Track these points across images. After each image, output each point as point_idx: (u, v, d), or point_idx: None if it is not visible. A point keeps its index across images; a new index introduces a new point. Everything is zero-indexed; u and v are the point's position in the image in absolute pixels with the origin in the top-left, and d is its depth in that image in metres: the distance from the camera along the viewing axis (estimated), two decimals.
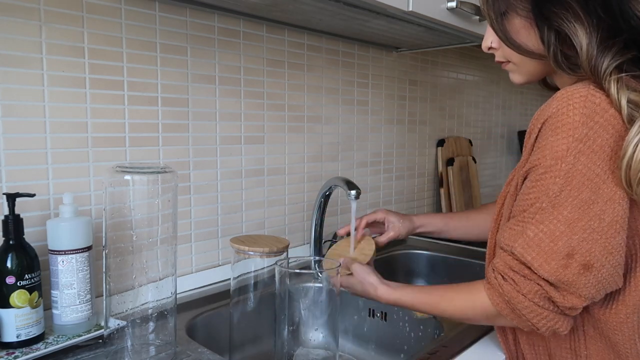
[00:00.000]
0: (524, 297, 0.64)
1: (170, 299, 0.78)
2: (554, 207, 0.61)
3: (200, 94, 1.05)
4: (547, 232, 0.61)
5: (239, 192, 1.15)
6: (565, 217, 0.61)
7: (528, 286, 0.64)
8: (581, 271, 0.60)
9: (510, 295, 0.65)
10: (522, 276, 0.64)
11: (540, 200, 0.62)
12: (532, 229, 0.63)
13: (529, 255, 0.63)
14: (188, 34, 1.02)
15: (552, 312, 0.64)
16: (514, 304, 0.65)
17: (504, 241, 0.66)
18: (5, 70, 0.79)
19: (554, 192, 0.61)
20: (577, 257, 0.60)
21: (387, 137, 1.57)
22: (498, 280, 0.67)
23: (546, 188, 0.62)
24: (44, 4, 0.82)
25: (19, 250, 0.74)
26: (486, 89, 2.06)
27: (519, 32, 0.68)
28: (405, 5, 0.99)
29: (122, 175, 0.73)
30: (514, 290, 0.65)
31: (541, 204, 0.62)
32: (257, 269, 0.90)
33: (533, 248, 0.62)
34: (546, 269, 0.61)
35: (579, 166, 0.60)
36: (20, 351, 0.74)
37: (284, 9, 1.04)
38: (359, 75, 1.44)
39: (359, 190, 1.05)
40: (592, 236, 0.60)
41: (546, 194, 0.62)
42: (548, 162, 0.62)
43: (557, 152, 0.61)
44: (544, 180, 0.62)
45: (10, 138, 0.81)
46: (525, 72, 0.74)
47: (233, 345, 0.91)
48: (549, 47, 0.65)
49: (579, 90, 0.61)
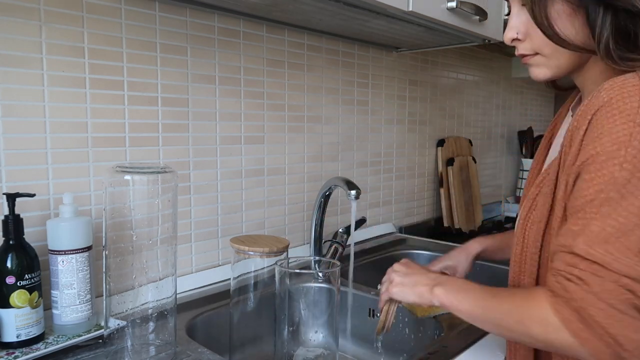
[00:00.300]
0: (596, 298, 0.52)
1: (170, 299, 0.78)
2: (623, 197, 0.53)
3: (200, 94, 1.05)
4: (617, 225, 0.53)
5: (239, 192, 1.15)
6: (638, 208, 0.53)
7: (600, 283, 0.53)
8: None
9: (579, 297, 0.53)
10: (591, 273, 0.53)
11: (605, 190, 0.54)
12: (596, 224, 0.54)
13: (597, 251, 0.53)
14: (188, 34, 1.02)
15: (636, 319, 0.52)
16: (585, 307, 0.53)
17: (560, 242, 0.58)
18: (5, 70, 0.79)
19: (622, 180, 0.54)
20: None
21: (387, 137, 1.57)
22: (561, 284, 0.56)
23: (611, 177, 0.54)
24: (44, 4, 0.82)
25: (19, 250, 0.74)
26: (486, 89, 2.06)
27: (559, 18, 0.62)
28: (405, 5, 0.99)
29: (122, 175, 0.73)
30: (583, 290, 0.53)
31: (607, 194, 0.54)
32: (257, 269, 0.90)
33: (600, 244, 0.53)
34: (624, 264, 0.52)
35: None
36: (20, 351, 0.74)
37: (284, 9, 1.04)
38: (359, 75, 1.44)
39: (359, 190, 1.05)
40: None
41: (612, 183, 0.54)
42: (609, 148, 0.55)
43: (618, 137, 0.54)
44: (607, 168, 0.55)
45: (10, 138, 0.81)
46: (555, 65, 0.67)
47: (233, 345, 0.91)
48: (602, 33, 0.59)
49: (630, 79, 0.56)
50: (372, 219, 1.53)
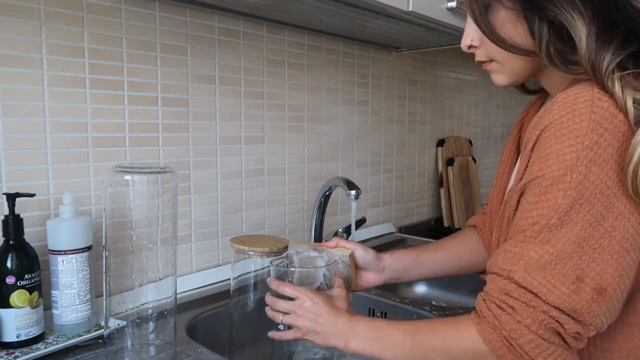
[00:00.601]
0: (526, 329, 0.54)
1: (170, 299, 0.78)
2: (564, 224, 0.53)
3: (200, 94, 1.05)
4: (554, 252, 0.53)
5: (239, 192, 1.15)
6: (576, 235, 0.53)
7: (532, 315, 0.54)
8: (594, 296, 0.53)
9: (509, 328, 0.55)
10: (523, 303, 0.55)
11: (547, 216, 0.54)
12: (535, 250, 0.54)
13: (534, 279, 0.54)
14: (188, 34, 1.02)
15: (559, 346, 0.54)
16: (515, 338, 0.55)
17: (499, 265, 0.57)
18: (5, 70, 0.79)
19: (564, 207, 0.53)
20: (588, 280, 0.53)
21: (387, 137, 1.57)
22: (493, 311, 0.57)
23: (554, 202, 0.54)
24: (44, 4, 0.82)
25: (19, 250, 0.74)
26: (486, 89, 2.06)
27: (504, 25, 0.61)
28: (405, 5, 0.99)
29: (122, 175, 0.73)
30: (514, 321, 0.55)
31: (548, 221, 0.54)
32: (257, 269, 0.90)
33: (537, 271, 0.54)
34: (557, 295, 0.53)
35: (591, 177, 0.53)
36: (20, 351, 0.74)
37: (284, 9, 1.04)
38: (359, 75, 1.44)
39: (359, 190, 1.05)
40: (603, 256, 0.53)
41: (555, 209, 0.54)
42: (555, 173, 0.54)
43: (565, 161, 0.53)
44: (552, 193, 0.54)
45: (10, 138, 0.81)
46: (510, 71, 0.66)
47: (233, 345, 0.91)
48: (541, 40, 0.58)
49: (583, 93, 0.55)
50: (372, 219, 1.53)
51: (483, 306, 0.58)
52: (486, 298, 0.59)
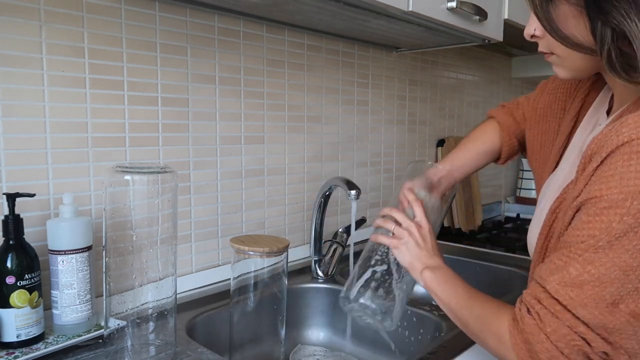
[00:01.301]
0: (545, 338, 0.54)
1: (170, 299, 0.78)
2: (612, 249, 0.52)
3: (200, 94, 1.05)
4: (596, 274, 0.52)
5: (239, 192, 1.15)
6: (623, 262, 0.51)
7: (554, 325, 0.54)
8: (630, 319, 0.51)
9: (529, 331, 0.55)
10: (550, 312, 0.54)
11: (596, 237, 0.53)
12: (576, 267, 0.53)
13: (567, 294, 0.53)
14: (188, 34, 1.02)
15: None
16: (533, 343, 0.55)
17: (539, 273, 0.58)
18: (5, 70, 0.79)
19: (616, 232, 0.51)
20: (623, 307, 0.52)
21: (387, 137, 1.57)
22: (522, 313, 0.58)
23: (607, 225, 0.52)
24: (44, 4, 0.82)
25: (19, 250, 0.74)
26: (486, 89, 2.06)
27: (566, 21, 0.58)
28: (405, 5, 0.99)
29: (122, 175, 0.73)
30: (536, 327, 0.55)
31: (596, 242, 0.53)
32: (257, 269, 0.90)
33: (572, 288, 0.53)
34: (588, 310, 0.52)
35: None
36: (20, 351, 0.74)
37: (284, 9, 1.04)
38: (359, 75, 1.44)
39: (359, 190, 1.05)
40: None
41: (606, 232, 0.52)
42: (615, 197, 0.52)
43: (628, 186, 0.51)
44: (607, 216, 0.52)
45: (10, 138, 0.81)
46: (571, 67, 0.64)
47: (233, 345, 0.91)
48: (603, 44, 0.56)
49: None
50: (372, 219, 1.53)
51: (517, 306, 0.60)
52: (522, 300, 0.60)
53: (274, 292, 0.91)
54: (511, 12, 1.31)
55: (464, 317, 0.67)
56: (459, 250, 1.43)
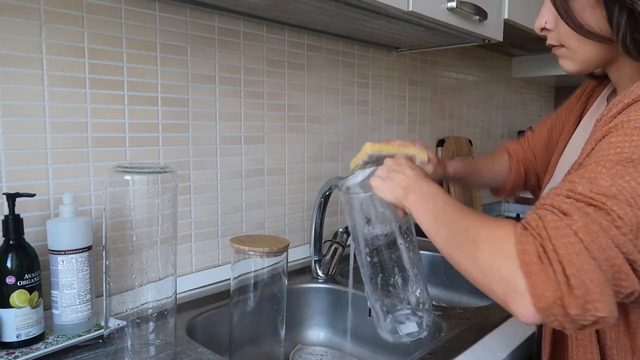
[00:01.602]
0: (572, 233, 0.46)
1: (170, 299, 0.78)
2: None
3: (200, 94, 1.05)
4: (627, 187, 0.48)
5: (239, 192, 1.15)
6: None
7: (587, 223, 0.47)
8: None
9: (552, 226, 0.47)
10: (583, 211, 0.48)
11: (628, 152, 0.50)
12: (606, 179, 0.50)
13: (600, 199, 0.48)
14: (188, 34, 1.02)
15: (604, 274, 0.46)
16: (553, 238, 0.46)
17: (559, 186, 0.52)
18: (5, 70, 0.79)
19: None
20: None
21: (387, 137, 1.57)
22: (539, 214, 0.50)
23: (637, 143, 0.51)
24: (44, 4, 0.82)
25: (19, 250, 0.74)
26: (486, 89, 2.06)
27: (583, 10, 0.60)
28: (405, 5, 0.99)
29: (122, 175, 0.73)
30: (562, 222, 0.47)
31: (629, 156, 0.50)
32: (257, 269, 0.90)
33: (604, 196, 0.48)
34: (625, 211, 0.47)
35: None
36: (20, 351, 0.74)
37: (284, 9, 1.04)
38: (359, 75, 1.44)
39: None
40: None
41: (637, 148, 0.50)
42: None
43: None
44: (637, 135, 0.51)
45: (10, 138, 0.81)
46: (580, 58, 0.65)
47: (233, 345, 0.91)
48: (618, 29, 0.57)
49: None
50: None
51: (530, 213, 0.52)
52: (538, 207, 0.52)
53: (274, 292, 0.91)
54: (511, 12, 1.31)
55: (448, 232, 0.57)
56: None
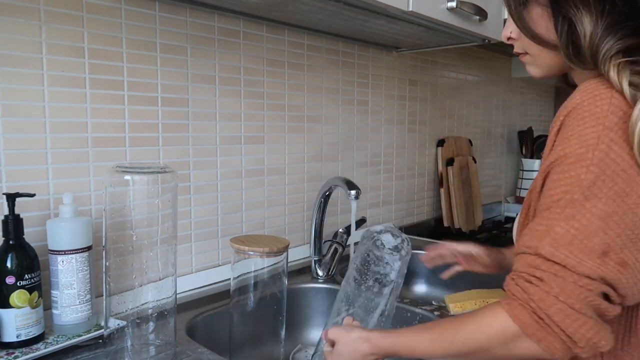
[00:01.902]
0: (555, 299, 0.54)
1: (170, 299, 0.78)
2: (587, 199, 0.54)
3: (200, 94, 1.05)
4: (580, 228, 0.54)
5: (239, 192, 1.15)
6: (600, 210, 0.54)
7: (560, 285, 0.54)
8: (620, 269, 0.54)
9: (537, 299, 0.55)
10: (552, 274, 0.55)
11: (571, 192, 0.55)
12: (561, 226, 0.55)
13: (562, 253, 0.54)
14: (188, 34, 1.02)
15: (592, 319, 0.54)
16: (544, 308, 0.55)
17: (526, 244, 0.58)
18: (5, 70, 0.79)
19: (587, 182, 0.55)
20: (612, 255, 0.54)
21: (387, 137, 1.57)
22: (521, 286, 0.57)
23: (577, 178, 0.55)
24: (44, 4, 0.82)
25: (19, 250, 0.74)
26: (486, 89, 2.06)
27: (538, 21, 0.65)
28: (405, 5, 0.99)
29: (122, 175, 0.73)
30: (542, 291, 0.55)
31: (572, 196, 0.55)
32: (257, 269, 0.90)
33: (564, 247, 0.54)
34: (586, 266, 0.53)
35: (612, 155, 0.55)
36: (20, 351, 0.74)
37: (284, 9, 1.04)
38: (359, 75, 1.44)
39: (359, 190, 1.05)
40: (626, 232, 0.54)
41: (578, 185, 0.55)
42: (578, 151, 0.56)
43: (586, 140, 0.55)
44: (574, 170, 0.56)
45: (10, 138, 0.81)
46: (542, 64, 0.70)
47: (233, 345, 0.91)
48: (561, 36, 0.62)
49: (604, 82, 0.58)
50: (372, 219, 1.53)
51: (511, 284, 0.59)
52: (514, 276, 0.59)
53: (274, 292, 0.91)
54: None
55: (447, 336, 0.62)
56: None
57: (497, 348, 0.58)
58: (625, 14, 0.59)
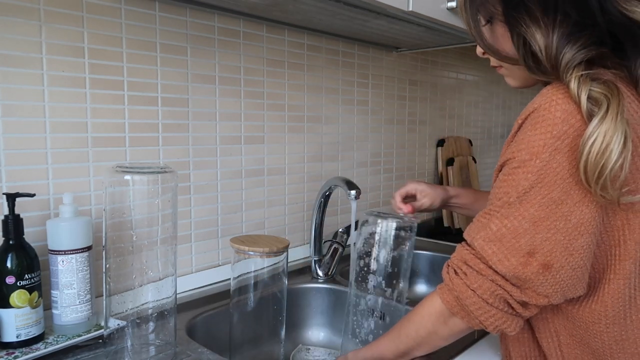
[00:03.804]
0: (472, 293, 0.62)
1: (170, 299, 0.78)
2: (521, 203, 0.59)
3: (200, 94, 1.05)
4: (511, 227, 0.60)
5: (239, 192, 1.15)
6: (531, 215, 0.59)
7: (479, 281, 0.62)
8: (540, 270, 0.59)
9: (459, 290, 0.64)
10: (475, 271, 0.62)
11: (509, 194, 0.60)
12: (495, 223, 0.61)
13: (490, 249, 0.61)
14: (188, 34, 1.02)
15: (501, 311, 0.62)
16: (463, 299, 0.63)
17: (467, 232, 0.65)
18: (5, 70, 0.79)
19: (523, 188, 0.59)
20: (538, 256, 0.59)
21: (387, 137, 1.57)
22: (450, 275, 0.66)
23: (516, 183, 0.60)
24: (44, 4, 0.82)
25: (19, 250, 0.74)
26: (486, 89, 2.06)
27: (501, 38, 0.67)
28: (405, 5, 0.99)
29: (122, 175, 0.73)
30: (463, 284, 0.63)
31: (508, 199, 0.60)
32: (257, 269, 0.90)
33: (494, 242, 0.61)
34: (505, 265, 0.60)
35: (553, 164, 0.58)
36: (20, 351, 0.74)
37: (284, 9, 1.04)
38: (359, 75, 1.44)
39: (359, 190, 1.05)
40: (556, 236, 0.58)
41: (515, 189, 0.60)
42: (523, 157, 0.60)
43: (533, 147, 0.59)
44: (516, 174, 0.60)
45: (10, 138, 0.81)
46: (517, 76, 0.73)
47: (233, 345, 0.91)
48: (519, 51, 0.64)
49: (563, 87, 0.59)
50: None
51: (444, 271, 0.68)
52: (449, 264, 0.67)
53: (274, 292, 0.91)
54: None
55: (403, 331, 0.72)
56: None
57: (440, 329, 0.68)
58: (581, 23, 0.60)
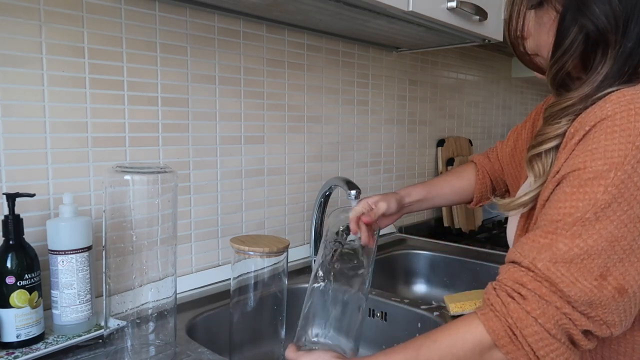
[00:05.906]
0: (534, 321, 0.53)
1: (170, 299, 0.78)
2: (598, 220, 0.52)
3: (200, 94, 1.05)
4: (585, 247, 0.52)
5: (239, 192, 1.15)
6: (609, 233, 0.52)
7: (542, 308, 0.53)
8: (615, 295, 0.52)
9: (516, 317, 0.54)
10: (537, 295, 0.54)
11: (583, 210, 0.53)
12: (565, 243, 0.53)
13: (558, 271, 0.53)
14: (188, 34, 1.02)
15: (564, 345, 0.54)
16: (520, 327, 0.54)
17: (523, 253, 0.56)
18: (5, 70, 0.79)
19: (602, 203, 0.52)
20: (611, 279, 0.52)
21: (387, 137, 1.57)
22: (502, 299, 0.56)
23: (593, 197, 0.53)
24: (44, 4, 0.82)
25: (19, 250, 0.74)
26: (486, 89, 2.06)
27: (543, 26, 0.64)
28: (405, 5, 0.99)
29: (122, 175, 0.73)
30: (522, 310, 0.54)
31: (583, 215, 0.53)
32: (257, 269, 0.90)
33: (563, 264, 0.53)
34: (579, 288, 0.52)
35: (635, 178, 0.52)
36: (20, 351, 0.74)
37: (284, 9, 1.04)
38: (359, 75, 1.44)
39: (359, 190, 1.05)
40: (631, 258, 0.52)
41: (592, 204, 0.53)
42: (599, 167, 0.53)
43: (612, 157, 0.52)
44: (592, 187, 0.53)
45: (10, 138, 0.81)
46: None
47: (233, 345, 0.91)
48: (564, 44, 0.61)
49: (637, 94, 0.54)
50: None
51: (492, 294, 0.57)
52: (497, 287, 0.58)
53: (274, 292, 0.91)
54: None
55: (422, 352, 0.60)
56: (459, 250, 1.43)
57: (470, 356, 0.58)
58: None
